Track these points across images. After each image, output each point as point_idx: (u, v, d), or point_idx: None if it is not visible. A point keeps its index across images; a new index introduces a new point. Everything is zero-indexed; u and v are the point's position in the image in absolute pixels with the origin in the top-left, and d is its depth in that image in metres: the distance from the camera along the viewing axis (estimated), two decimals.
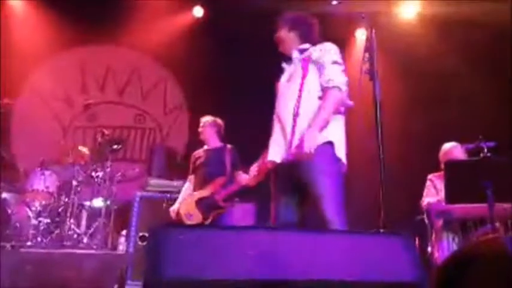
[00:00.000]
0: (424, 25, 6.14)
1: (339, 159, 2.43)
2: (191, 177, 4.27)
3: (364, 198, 3.62)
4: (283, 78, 2.71)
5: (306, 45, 2.66)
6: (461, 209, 3.44)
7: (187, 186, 4.24)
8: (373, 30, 2.04)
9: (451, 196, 3.18)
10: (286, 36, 2.73)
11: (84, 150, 5.32)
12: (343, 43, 6.44)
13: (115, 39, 6.77)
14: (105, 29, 6.52)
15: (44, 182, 4.93)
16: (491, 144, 3.31)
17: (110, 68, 7.06)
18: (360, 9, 2.23)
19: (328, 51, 2.53)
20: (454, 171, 3.21)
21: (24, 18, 6.54)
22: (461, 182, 3.11)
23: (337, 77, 2.43)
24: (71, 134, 6.78)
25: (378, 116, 1.93)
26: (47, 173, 5.02)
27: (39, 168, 5.02)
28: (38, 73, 6.73)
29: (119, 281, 4.05)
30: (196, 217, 3.89)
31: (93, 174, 5.23)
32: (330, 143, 2.40)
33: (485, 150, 3.26)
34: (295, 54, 2.68)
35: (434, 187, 3.79)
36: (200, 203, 3.93)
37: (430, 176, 3.90)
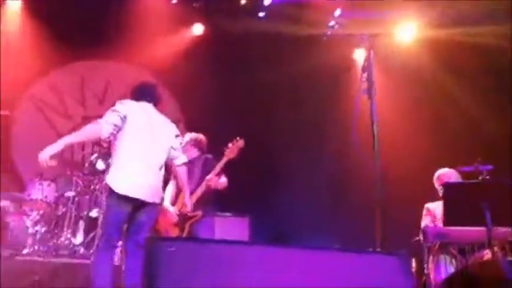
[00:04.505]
0: (422, 47, 6.20)
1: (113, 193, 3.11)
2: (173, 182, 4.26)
3: (363, 217, 3.58)
4: None
5: None
6: (459, 231, 3.42)
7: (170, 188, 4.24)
8: (372, 51, 2.07)
9: (449, 218, 3.16)
10: None
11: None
12: (343, 63, 6.57)
13: (115, 55, 6.80)
14: (106, 45, 6.56)
15: (42, 192, 4.93)
16: (489, 167, 3.31)
17: (110, 82, 7.09)
18: (360, 31, 2.25)
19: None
20: (452, 193, 3.19)
21: (26, 31, 6.55)
22: (460, 204, 3.09)
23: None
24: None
25: (375, 134, 1.95)
26: (45, 183, 5.01)
27: (37, 179, 5.02)
28: (37, 85, 6.77)
29: None
30: (174, 230, 3.95)
31: (91, 185, 5.22)
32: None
33: (484, 173, 3.26)
34: None
35: (432, 215, 3.78)
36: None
37: (427, 205, 3.87)
